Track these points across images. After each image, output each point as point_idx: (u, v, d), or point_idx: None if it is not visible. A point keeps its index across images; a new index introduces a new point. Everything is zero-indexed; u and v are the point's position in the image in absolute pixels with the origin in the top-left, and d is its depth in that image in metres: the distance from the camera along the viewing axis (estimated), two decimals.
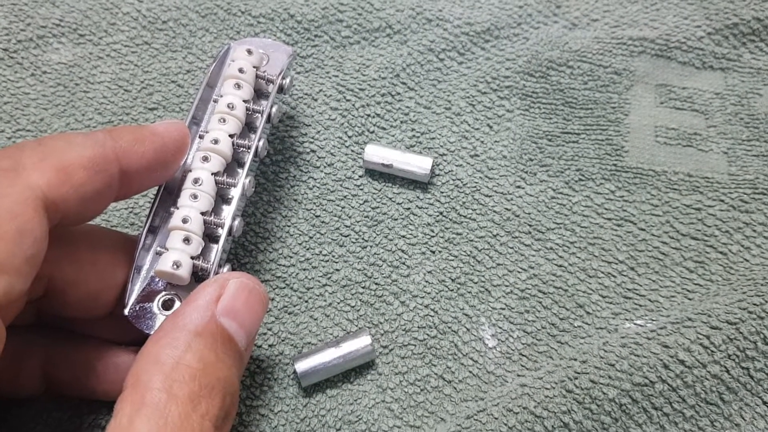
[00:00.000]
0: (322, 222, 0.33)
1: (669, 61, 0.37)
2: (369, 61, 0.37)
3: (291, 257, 0.32)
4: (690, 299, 0.31)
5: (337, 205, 0.34)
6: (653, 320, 0.30)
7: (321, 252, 0.32)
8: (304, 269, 0.32)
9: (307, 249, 0.32)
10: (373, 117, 0.36)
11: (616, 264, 0.32)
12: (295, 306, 0.31)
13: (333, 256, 0.32)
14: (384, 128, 0.36)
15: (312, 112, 0.36)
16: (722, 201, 0.33)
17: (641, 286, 0.31)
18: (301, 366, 0.29)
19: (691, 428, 0.28)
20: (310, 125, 0.36)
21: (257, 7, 0.39)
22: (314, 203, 0.34)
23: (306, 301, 0.31)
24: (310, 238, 0.33)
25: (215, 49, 0.38)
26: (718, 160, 0.34)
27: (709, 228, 0.32)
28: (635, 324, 0.30)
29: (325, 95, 0.36)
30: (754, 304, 0.29)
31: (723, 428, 0.28)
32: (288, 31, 0.38)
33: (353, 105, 0.36)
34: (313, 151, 0.35)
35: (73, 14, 0.39)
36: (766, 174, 0.33)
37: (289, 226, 0.33)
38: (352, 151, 0.35)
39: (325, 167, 0.35)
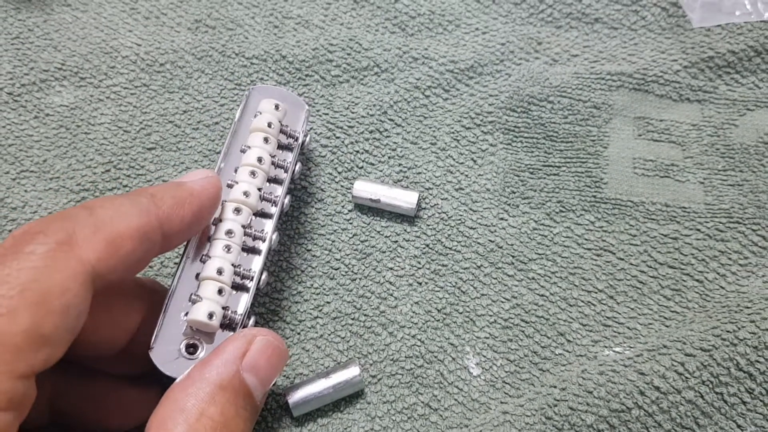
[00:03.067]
0: (313, 256, 0.35)
1: (647, 94, 0.38)
2: (358, 99, 0.39)
3: (283, 291, 0.34)
4: (667, 326, 0.32)
5: (328, 239, 0.35)
6: (631, 347, 0.31)
7: (312, 285, 0.34)
8: (296, 302, 0.33)
9: (299, 282, 0.34)
10: (362, 153, 0.37)
11: (596, 293, 0.33)
12: (287, 338, 0.32)
13: (323, 289, 0.34)
14: (372, 164, 0.37)
15: (304, 150, 0.37)
16: (698, 230, 0.34)
17: (620, 314, 0.32)
18: (293, 397, 0.30)
19: None
20: (301, 162, 0.37)
21: (250, 49, 0.41)
22: (305, 237, 0.35)
23: (298, 333, 0.33)
24: (302, 271, 0.34)
25: (211, 90, 0.40)
26: (695, 190, 0.35)
27: (686, 257, 0.33)
28: (614, 351, 0.31)
29: (315, 133, 0.38)
30: (728, 332, 0.30)
31: None
32: (280, 72, 0.40)
33: (342, 142, 0.38)
34: (304, 187, 0.36)
35: (74, 58, 0.41)
36: (740, 203, 0.35)
37: (281, 261, 0.34)
38: (342, 186, 0.36)
39: (315, 203, 0.36)
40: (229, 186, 0.30)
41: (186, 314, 0.27)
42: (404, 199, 0.35)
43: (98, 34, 0.42)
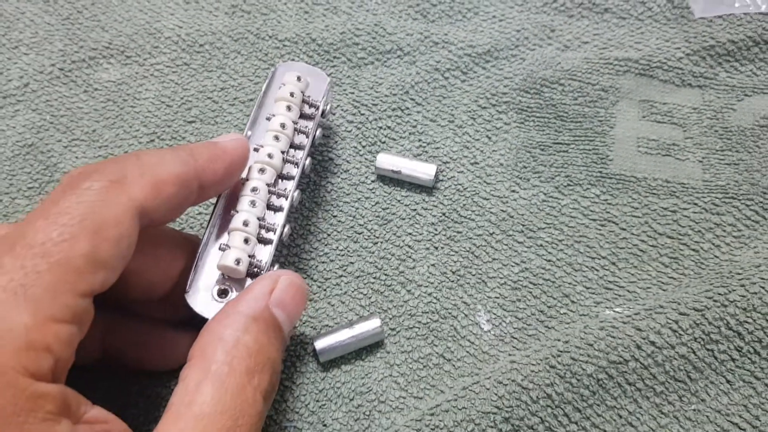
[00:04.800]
0: (339, 221, 0.38)
1: (651, 79, 0.41)
2: (381, 80, 0.42)
3: (311, 252, 0.37)
4: (664, 290, 0.34)
5: (352, 207, 0.38)
6: (630, 308, 0.34)
7: (337, 247, 0.37)
8: (323, 262, 0.36)
9: (326, 245, 0.37)
10: (385, 129, 0.40)
11: (599, 259, 0.36)
12: (315, 294, 0.35)
13: (348, 251, 0.37)
14: (394, 139, 0.40)
15: (331, 124, 0.40)
16: (696, 204, 0.37)
17: (621, 278, 0.35)
18: (320, 344, 0.33)
19: (661, 402, 0.31)
20: (329, 136, 0.40)
21: (283, 32, 0.44)
22: (332, 205, 0.38)
23: (324, 290, 0.36)
24: (328, 235, 0.37)
25: (246, 69, 0.43)
26: (694, 168, 0.38)
27: (684, 228, 0.36)
28: (614, 311, 0.34)
29: (342, 110, 0.41)
30: (719, 294, 0.32)
31: (690, 403, 0.31)
32: (310, 53, 0.43)
33: (367, 118, 0.41)
34: (331, 159, 0.39)
35: (120, 38, 0.44)
36: (736, 180, 0.37)
37: (309, 225, 0.37)
38: (366, 159, 0.39)
39: (341, 173, 0.39)
40: (256, 150, 0.33)
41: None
42: (423, 170, 0.38)
43: (142, 17, 0.45)
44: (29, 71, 0.43)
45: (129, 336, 0.31)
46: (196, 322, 0.29)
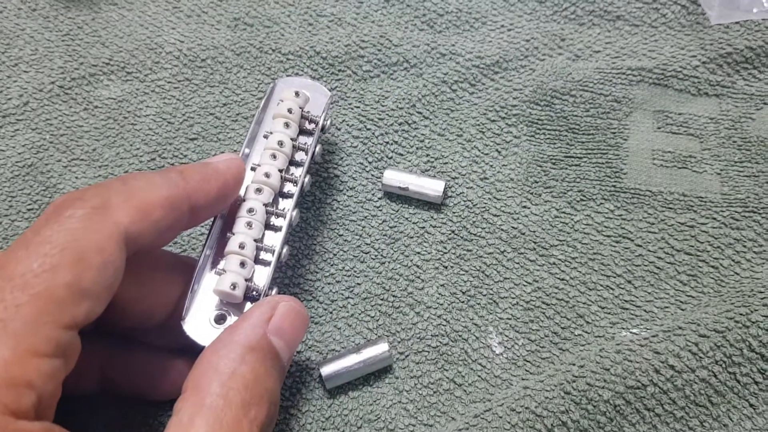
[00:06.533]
0: (345, 240, 0.37)
1: (666, 88, 0.40)
2: (387, 93, 0.41)
3: (317, 272, 0.36)
4: (683, 310, 0.33)
5: (358, 225, 0.37)
6: (648, 329, 0.33)
7: (344, 267, 0.36)
8: (329, 283, 0.35)
9: (331, 265, 0.36)
10: (391, 144, 0.39)
11: (614, 277, 0.35)
12: (320, 317, 0.35)
13: (354, 272, 0.36)
14: (401, 154, 0.39)
15: (336, 140, 0.39)
16: (715, 219, 0.35)
17: (637, 297, 0.34)
18: (326, 370, 0.32)
19: (681, 428, 0.30)
20: (334, 152, 0.39)
21: (286, 45, 0.43)
22: (337, 223, 0.37)
23: (330, 312, 0.35)
24: (334, 255, 0.36)
25: (249, 84, 0.42)
26: (712, 181, 0.37)
27: (702, 244, 0.35)
28: (631, 332, 0.33)
29: (347, 125, 0.40)
30: (741, 314, 0.31)
31: (711, 428, 0.30)
32: (314, 67, 0.42)
33: (373, 133, 0.40)
34: (336, 176, 0.38)
35: (121, 54, 0.44)
36: (756, 193, 0.36)
37: (314, 245, 0.36)
38: (372, 175, 0.38)
39: (347, 190, 0.38)
40: (253, 169, 0.32)
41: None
42: (431, 187, 0.37)
43: (143, 32, 0.45)
44: (29, 89, 0.42)
45: (129, 365, 0.31)
46: (198, 349, 0.28)
